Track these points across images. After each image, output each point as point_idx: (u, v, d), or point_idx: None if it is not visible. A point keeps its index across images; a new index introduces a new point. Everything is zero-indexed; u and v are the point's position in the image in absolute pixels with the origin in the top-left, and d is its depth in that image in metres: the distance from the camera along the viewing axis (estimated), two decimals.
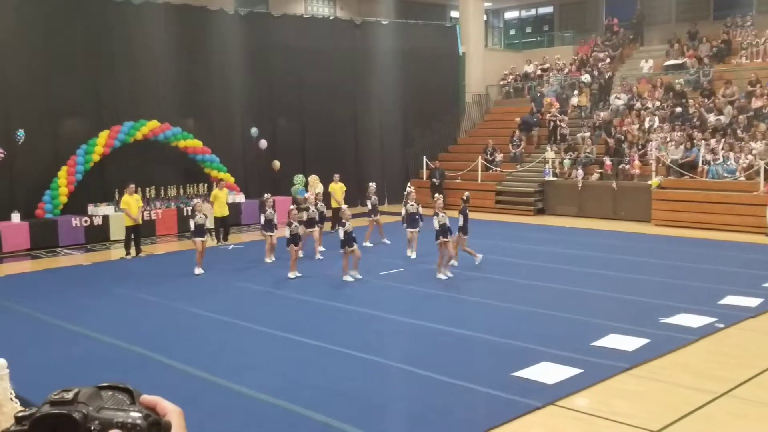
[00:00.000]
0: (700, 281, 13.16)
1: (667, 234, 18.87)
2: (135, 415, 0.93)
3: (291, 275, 14.08)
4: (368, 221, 18.27)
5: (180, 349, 9.71)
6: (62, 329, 10.86)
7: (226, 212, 18.55)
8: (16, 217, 18.22)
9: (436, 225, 13.75)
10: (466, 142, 28.57)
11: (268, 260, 15.81)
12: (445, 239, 13.69)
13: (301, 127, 25.08)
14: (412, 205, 16.33)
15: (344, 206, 14.25)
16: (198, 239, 14.82)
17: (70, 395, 0.94)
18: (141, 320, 11.37)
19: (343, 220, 13.97)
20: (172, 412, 0.99)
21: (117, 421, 0.92)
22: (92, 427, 0.90)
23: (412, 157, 27.37)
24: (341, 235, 13.61)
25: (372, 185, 19.12)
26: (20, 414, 0.94)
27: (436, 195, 15.77)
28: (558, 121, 25.18)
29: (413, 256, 15.88)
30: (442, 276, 13.74)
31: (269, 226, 15.76)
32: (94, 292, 13.38)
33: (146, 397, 1.00)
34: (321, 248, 16.48)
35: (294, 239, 14.12)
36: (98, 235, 19.11)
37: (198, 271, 14.71)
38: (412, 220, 16.20)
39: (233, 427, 7.09)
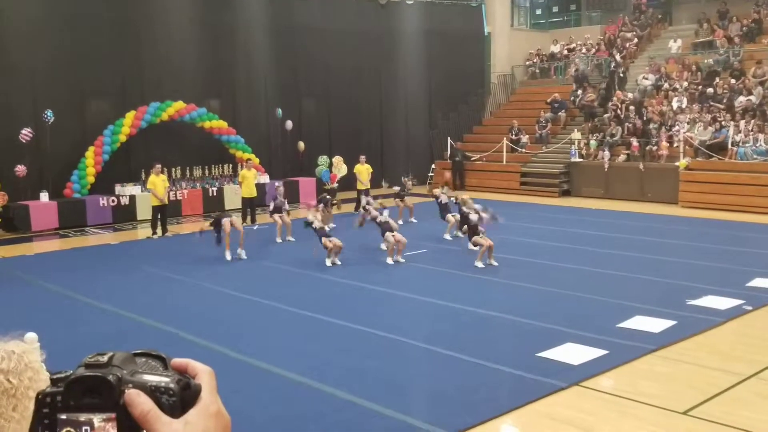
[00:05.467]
0: (728, 263, 13.01)
1: (694, 216, 18.67)
2: (167, 379, 0.94)
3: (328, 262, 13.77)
4: (395, 203, 18.47)
5: (206, 326, 9.81)
6: (90, 306, 11.01)
7: (254, 193, 18.59)
8: (44, 196, 18.44)
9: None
10: (492, 123, 28.37)
11: (279, 240, 16.23)
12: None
13: (326, 108, 25.06)
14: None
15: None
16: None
17: (104, 359, 0.94)
18: (167, 298, 11.49)
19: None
20: (202, 372, 0.99)
21: (150, 384, 0.93)
22: (126, 390, 0.91)
23: (437, 138, 27.28)
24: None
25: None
26: (56, 376, 0.94)
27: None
28: (619, 109, 24.24)
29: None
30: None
31: (278, 210, 16.30)
32: (121, 271, 13.54)
33: (176, 360, 1.00)
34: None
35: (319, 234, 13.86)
36: (125, 215, 19.30)
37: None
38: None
39: (259, 404, 7.16)
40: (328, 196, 18.04)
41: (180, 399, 0.93)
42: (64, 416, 0.92)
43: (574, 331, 9.15)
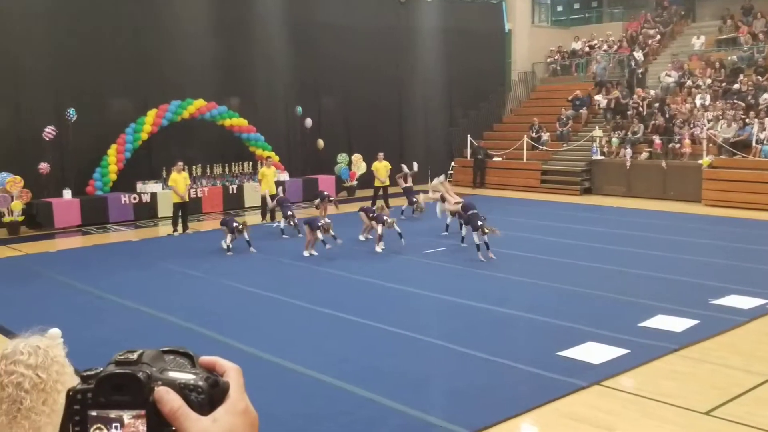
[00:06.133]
0: (752, 262, 12.86)
1: (717, 214, 18.48)
2: (196, 377, 0.95)
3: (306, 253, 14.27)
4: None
5: (225, 323, 9.86)
6: (112, 303, 11.10)
7: (273, 190, 18.65)
8: (67, 193, 18.62)
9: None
10: (512, 121, 28.27)
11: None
12: None
13: (345, 105, 25.05)
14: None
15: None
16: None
17: (134, 356, 0.95)
18: (188, 295, 11.55)
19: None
20: (230, 370, 1.00)
21: (179, 381, 0.93)
22: (155, 387, 0.92)
23: (457, 136, 27.22)
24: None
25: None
26: (86, 373, 0.95)
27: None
28: (641, 107, 23.93)
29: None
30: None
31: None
32: (142, 268, 13.63)
33: (204, 358, 1.01)
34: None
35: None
36: (146, 212, 19.44)
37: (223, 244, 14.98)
38: None
39: (278, 400, 7.17)
40: (325, 192, 18.31)
41: (208, 396, 0.94)
42: (94, 413, 0.92)
43: (595, 330, 9.09)
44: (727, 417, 6.61)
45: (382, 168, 20.43)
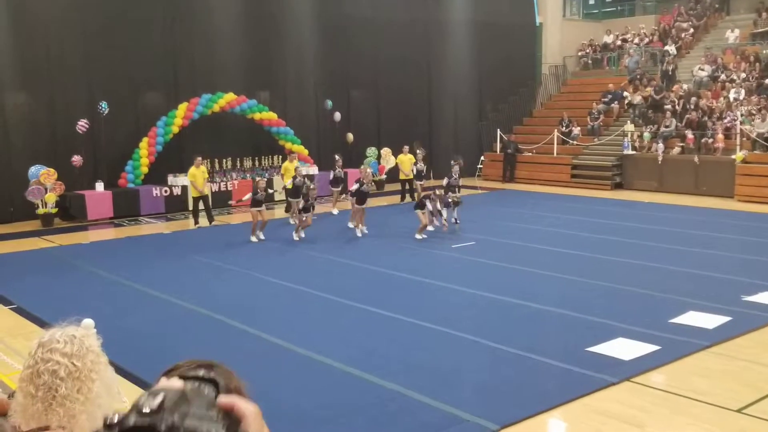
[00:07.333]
0: None
1: (750, 210, 18.21)
2: (217, 427, 0.97)
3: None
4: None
5: (255, 315, 9.92)
6: (144, 294, 11.23)
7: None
8: (100, 186, 18.86)
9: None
10: (542, 115, 28.04)
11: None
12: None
13: (374, 99, 25.05)
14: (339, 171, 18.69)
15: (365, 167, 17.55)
16: (254, 209, 15.63)
17: (155, 403, 0.97)
18: (218, 287, 11.65)
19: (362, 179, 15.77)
20: (248, 415, 1.02)
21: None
22: None
23: (486, 130, 27.08)
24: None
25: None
26: (109, 421, 0.98)
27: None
28: (677, 104, 23.54)
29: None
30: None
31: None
32: (173, 260, 13.78)
33: (222, 401, 1.03)
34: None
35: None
36: (177, 205, 19.60)
37: (253, 239, 15.41)
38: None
39: (306, 392, 7.22)
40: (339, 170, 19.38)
41: None
42: None
43: (625, 325, 9.02)
44: (760, 415, 6.53)
45: (406, 161, 20.44)
